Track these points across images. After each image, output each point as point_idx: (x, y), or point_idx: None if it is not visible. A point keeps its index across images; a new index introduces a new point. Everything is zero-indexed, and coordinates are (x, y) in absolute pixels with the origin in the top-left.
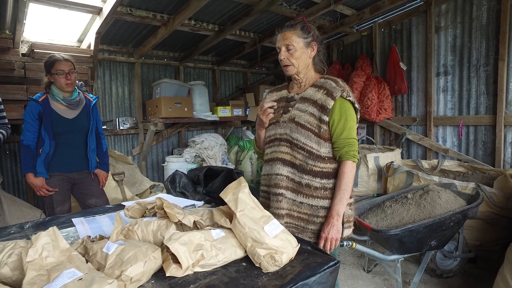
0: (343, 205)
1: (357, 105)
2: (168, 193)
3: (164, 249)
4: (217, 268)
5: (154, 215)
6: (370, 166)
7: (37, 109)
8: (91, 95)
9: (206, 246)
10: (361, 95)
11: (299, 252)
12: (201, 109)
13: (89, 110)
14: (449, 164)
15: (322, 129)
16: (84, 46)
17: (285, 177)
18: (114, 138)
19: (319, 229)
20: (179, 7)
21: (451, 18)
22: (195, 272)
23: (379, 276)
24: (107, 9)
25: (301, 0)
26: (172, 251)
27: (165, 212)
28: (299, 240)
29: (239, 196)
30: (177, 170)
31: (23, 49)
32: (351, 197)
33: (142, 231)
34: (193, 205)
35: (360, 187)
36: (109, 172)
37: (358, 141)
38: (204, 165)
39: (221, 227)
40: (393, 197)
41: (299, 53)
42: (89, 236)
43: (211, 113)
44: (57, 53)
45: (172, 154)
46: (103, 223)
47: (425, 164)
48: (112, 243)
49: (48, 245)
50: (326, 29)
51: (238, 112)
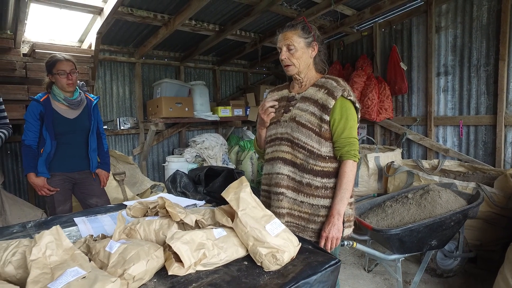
0: (344, 205)
1: (358, 105)
2: (169, 192)
3: (166, 248)
4: (219, 267)
5: (156, 214)
6: (371, 166)
7: (38, 109)
8: (92, 95)
9: (208, 245)
10: (362, 95)
11: (300, 251)
12: (202, 109)
13: (90, 110)
14: (449, 164)
15: (323, 129)
16: (85, 46)
17: (286, 176)
18: (115, 138)
19: (319, 228)
20: (180, 7)
21: (451, 18)
22: (197, 271)
23: (379, 276)
24: (108, 9)
25: (302, 0)
26: (175, 249)
27: (167, 211)
28: (300, 239)
29: (241, 195)
30: (178, 170)
31: (24, 49)
32: (351, 196)
33: (144, 230)
34: (195, 204)
35: (360, 187)
36: (110, 172)
37: (358, 140)
38: (205, 165)
39: (223, 226)
40: (393, 196)
41: (300, 53)
42: (92, 235)
43: (211, 113)
44: (58, 53)
45: (173, 154)
46: (105, 222)
47: (425, 164)
48: (115, 242)
49: (52, 243)
50: (327, 29)
51: (239, 112)
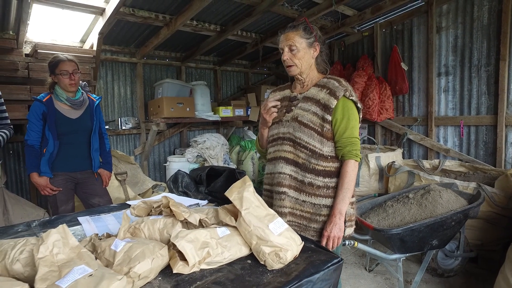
0: (346, 204)
1: (359, 105)
2: (171, 192)
3: (171, 246)
4: (222, 265)
5: (160, 213)
6: (372, 166)
7: (41, 109)
8: (94, 95)
9: (212, 244)
10: (363, 95)
11: (303, 250)
12: (203, 109)
13: (92, 110)
14: (450, 164)
15: (325, 128)
16: (86, 46)
17: (288, 176)
18: (117, 138)
19: (321, 227)
20: (181, 8)
21: (452, 19)
22: (201, 269)
23: (380, 275)
24: (110, 9)
25: (303, 0)
26: (179, 248)
27: (171, 210)
28: (302, 238)
29: (244, 194)
30: (179, 170)
31: (27, 49)
32: (353, 196)
33: (148, 229)
34: (197, 204)
35: (361, 187)
36: (112, 171)
37: (360, 140)
38: (206, 165)
39: (226, 225)
40: (394, 196)
41: (302, 53)
42: (97, 234)
43: (212, 113)
44: (61, 54)
45: (174, 154)
46: (108, 221)
47: (426, 164)
48: (120, 241)
49: (59, 242)
50: (328, 29)
51: (240, 112)
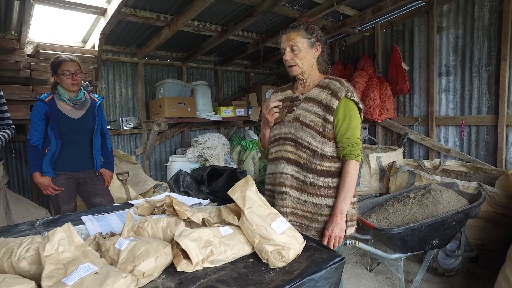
0: (347, 204)
1: (361, 105)
2: (172, 192)
3: (174, 245)
4: (225, 264)
5: (163, 212)
6: (372, 166)
7: (43, 109)
8: (96, 95)
9: (215, 243)
10: (363, 95)
11: (305, 249)
12: (204, 109)
13: (94, 110)
14: (451, 164)
15: (327, 129)
16: (88, 46)
17: (289, 176)
18: (118, 138)
19: (322, 227)
20: (183, 8)
21: (453, 19)
22: (204, 268)
23: (381, 275)
24: (111, 10)
25: (304, 1)
26: (183, 246)
27: (174, 209)
28: (304, 237)
29: (247, 194)
30: (180, 170)
31: (29, 49)
32: (354, 196)
33: (152, 228)
34: (200, 203)
35: (362, 187)
36: (114, 171)
37: (360, 140)
38: (207, 164)
39: (229, 224)
40: (395, 196)
41: (303, 53)
42: (101, 233)
43: (214, 113)
44: (63, 54)
45: (175, 154)
46: (111, 220)
47: (427, 164)
48: (124, 239)
49: (64, 240)
50: (329, 29)
51: (241, 112)
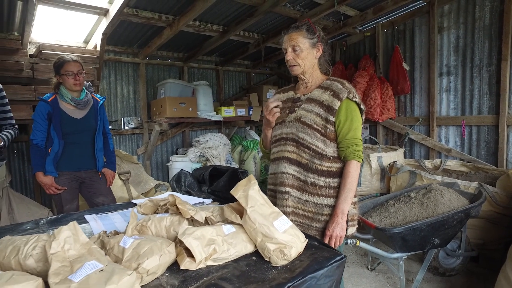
0: (348, 204)
1: (362, 107)
2: (173, 192)
3: (178, 243)
4: (228, 262)
5: (166, 211)
6: (373, 166)
7: (46, 109)
8: (98, 96)
9: (218, 241)
10: (364, 95)
11: (307, 247)
12: (205, 109)
13: (96, 110)
14: (452, 164)
15: (328, 129)
16: (90, 46)
17: (291, 176)
18: (119, 138)
19: (323, 227)
20: (185, 8)
21: (454, 19)
22: (207, 266)
23: (382, 274)
24: (113, 10)
25: (305, 1)
26: (186, 245)
27: (177, 208)
28: (306, 235)
29: (249, 193)
30: (182, 170)
31: (31, 50)
32: (355, 196)
33: (155, 227)
34: (202, 202)
35: (363, 187)
36: (116, 171)
37: (362, 140)
38: (209, 164)
39: (232, 223)
40: (396, 196)
41: (305, 53)
42: (105, 231)
43: (215, 113)
44: (66, 54)
45: (177, 154)
46: (115, 219)
47: (428, 163)
48: (128, 238)
49: (70, 238)
50: (330, 29)
51: (242, 112)
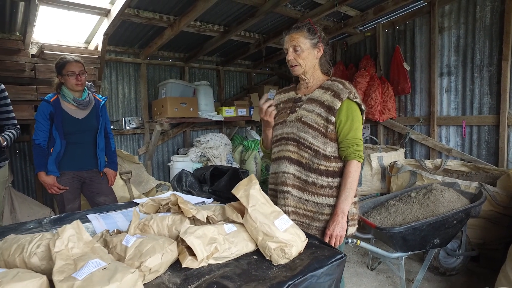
0: (348, 204)
1: (363, 107)
2: (175, 191)
3: (180, 242)
4: (229, 260)
5: (168, 211)
6: (374, 166)
7: (48, 109)
8: (100, 96)
9: (219, 240)
10: (365, 95)
11: (307, 246)
12: (206, 109)
13: (98, 110)
14: (452, 164)
15: (329, 129)
16: (91, 47)
17: (291, 175)
18: (121, 138)
19: (323, 226)
20: (186, 9)
21: (454, 19)
22: (209, 264)
23: (383, 274)
24: (115, 11)
25: (306, 1)
26: (188, 243)
27: (179, 207)
28: (307, 235)
29: (250, 192)
30: (183, 169)
31: (33, 50)
32: (355, 196)
33: (157, 226)
34: (203, 202)
35: (364, 187)
36: (117, 171)
37: (362, 140)
38: (209, 164)
39: (233, 222)
40: (396, 196)
41: (306, 53)
42: (108, 230)
43: (216, 113)
44: (67, 55)
45: (178, 154)
46: (117, 219)
47: (428, 163)
48: (131, 236)
49: (73, 237)
50: (330, 29)
51: (243, 112)
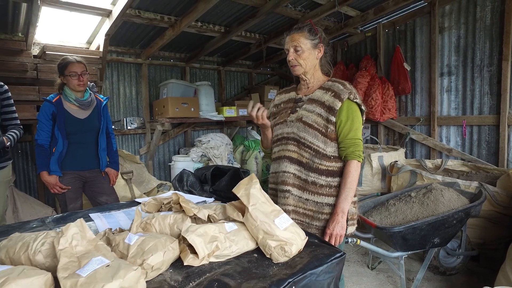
0: (348, 203)
1: (363, 107)
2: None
3: (181, 240)
4: (230, 258)
5: (170, 209)
6: (374, 166)
7: (50, 109)
8: (101, 96)
9: (220, 238)
10: (365, 95)
11: (307, 245)
12: (207, 109)
13: (100, 110)
14: (452, 164)
15: (329, 129)
16: (93, 47)
17: (292, 175)
18: (122, 138)
19: (323, 225)
20: (187, 9)
21: (455, 19)
22: (210, 262)
23: (383, 273)
24: (116, 11)
25: (306, 1)
26: (190, 241)
27: (180, 206)
28: (307, 233)
29: (251, 191)
30: (184, 169)
31: (35, 51)
32: (355, 195)
33: (159, 224)
34: (204, 201)
35: (364, 186)
36: (119, 171)
37: (362, 141)
38: (210, 164)
39: (234, 220)
40: (396, 195)
41: (306, 54)
42: (110, 229)
43: (217, 113)
44: (69, 55)
45: (179, 154)
46: (119, 218)
47: (428, 163)
48: (133, 235)
49: (77, 235)
50: (331, 30)
51: (244, 112)
